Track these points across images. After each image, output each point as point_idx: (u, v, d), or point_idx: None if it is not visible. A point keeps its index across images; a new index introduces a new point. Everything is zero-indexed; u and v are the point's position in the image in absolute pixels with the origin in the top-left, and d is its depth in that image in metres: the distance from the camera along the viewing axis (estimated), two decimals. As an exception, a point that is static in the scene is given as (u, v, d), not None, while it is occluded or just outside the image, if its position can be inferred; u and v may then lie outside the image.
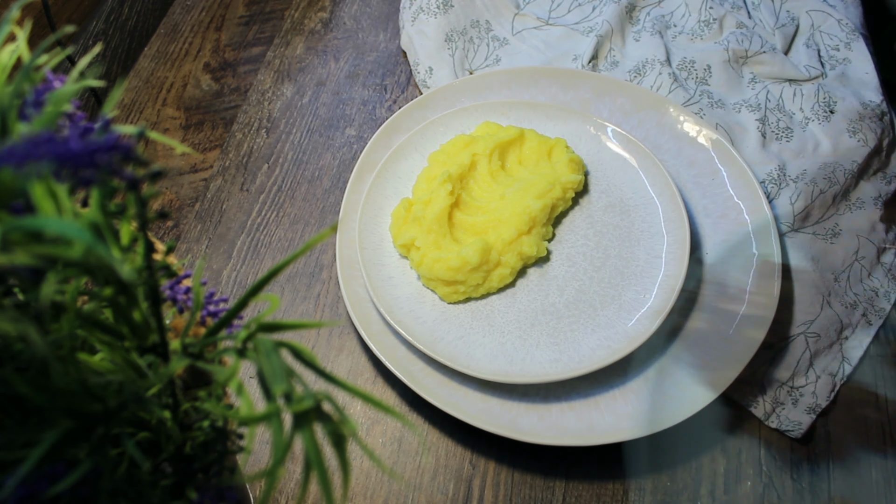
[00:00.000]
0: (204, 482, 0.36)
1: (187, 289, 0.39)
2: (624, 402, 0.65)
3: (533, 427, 0.64)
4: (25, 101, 0.30)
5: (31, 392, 0.27)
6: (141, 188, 0.28)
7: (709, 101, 0.85)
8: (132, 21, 1.01)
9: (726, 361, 0.65)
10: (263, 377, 0.29)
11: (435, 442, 0.68)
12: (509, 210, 0.72)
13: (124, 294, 0.31)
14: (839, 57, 0.89)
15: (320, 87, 0.96)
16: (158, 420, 0.35)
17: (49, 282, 0.25)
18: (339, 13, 1.05)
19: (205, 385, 0.41)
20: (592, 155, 0.79)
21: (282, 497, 0.65)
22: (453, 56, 0.93)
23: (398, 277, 0.73)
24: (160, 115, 0.95)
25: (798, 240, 0.76)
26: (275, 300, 0.33)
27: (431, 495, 0.65)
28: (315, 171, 0.88)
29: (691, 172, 0.79)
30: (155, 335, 0.34)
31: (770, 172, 0.79)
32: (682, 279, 0.68)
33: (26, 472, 0.26)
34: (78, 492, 0.30)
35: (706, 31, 0.92)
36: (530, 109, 0.82)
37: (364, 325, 0.69)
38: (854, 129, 0.82)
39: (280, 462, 0.27)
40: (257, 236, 0.83)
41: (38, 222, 0.23)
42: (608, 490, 0.65)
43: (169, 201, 0.86)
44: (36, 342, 0.25)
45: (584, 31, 0.95)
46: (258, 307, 0.78)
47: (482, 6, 0.98)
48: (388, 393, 0.71)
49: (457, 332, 0.70)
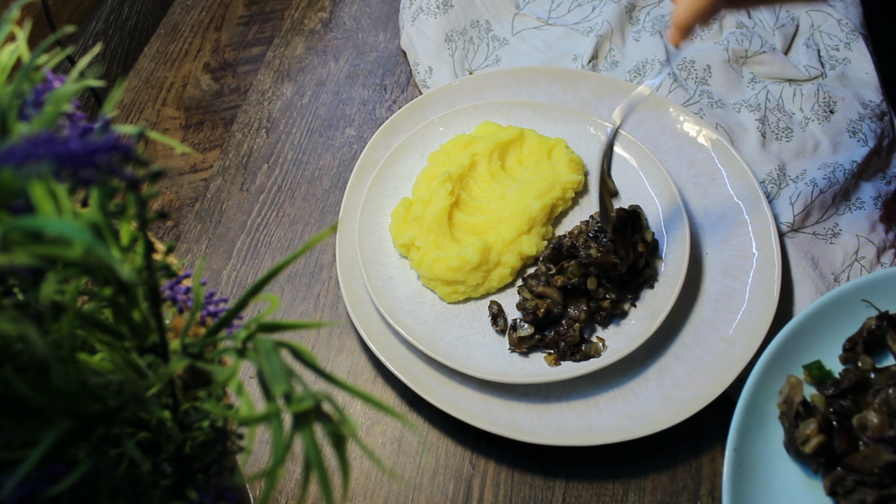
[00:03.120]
0: (204, 482, 0.36)
1: (187, 289, 0.39)
2: (624, 402, 0.65)
3: (533, 427, 0.64)
4: (25, 101, 0.30)
5: (31, 392, 0.27)
6: (141, 188, 0.28)
7: (709, 101, 0.85)
8: (132, 21, 1.01)
9: (726, 361, 0.65)
10: (263, 377, 0.29)
11: (435, 442, 0.68)
12: (509, 210, 0.72)
13: (124, 294, 0.31)
14: (839, 57, 0.89)
15: (320, 87, 0.96)
16: (158, 420, 0.35)
17: (49, 282, 0.25)
18: (339, 13, 1.05)
19: (205, 385, 0.41)
20: (592, 155, 0.79)
21: (282, 497, 0.65)
22: (453, 56, 0.93)
23: (398, 277, 0.73)
24: (160, 115, 0.95)
25: (798, 240, 0.76)
26: (275, 300, 0.33)
27: (431, 495, 0.65)
28: (315, 171, 0.88)
29: (691, 172, 0.79)
30: (155, 335, 0.34)
31: (770, 172, 0.79)
32: (683, 279, 0.68)
33: (26, 472, 0.26)
34: (78, 492, 0.30)
35: (706, 31, 0.92)
36: (530, 109, 0.82)
37: (364, 325, 0.69)
38: (854, 129, 0.82)
39: (280, 462, 0.27)
40: (257, 236, 0.83)
41: (38, 222, 0.23)
42: (608, 490, 0.65)
43: (169, 201, 0.86)
44: (36, 342, 0.25)
45: (584, 31, 0.95)
46: (258, 307, 0.78)
47: (482, 6, 0.98)
48: (388, 393, 0.71)
49: (457, 332, 0.70)
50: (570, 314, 0.68)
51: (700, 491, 0.64)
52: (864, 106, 0.83)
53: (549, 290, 0.68)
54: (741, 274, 0.71)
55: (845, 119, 0.83)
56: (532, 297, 0.69)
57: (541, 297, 0.68)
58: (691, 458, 0.66)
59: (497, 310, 0.70)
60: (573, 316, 0.67)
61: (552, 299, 0.68)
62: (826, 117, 0.83)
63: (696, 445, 0.66)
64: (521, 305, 0.70)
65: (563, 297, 0.68)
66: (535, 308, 0.67)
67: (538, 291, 0.69)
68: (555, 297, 0.68)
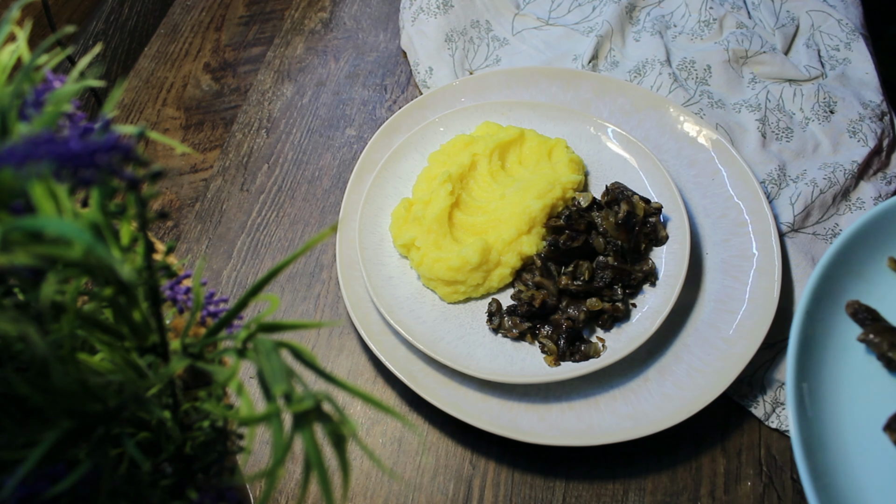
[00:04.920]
0: (204, 482, 0.36)
1: (187, 289, 0.39)
2: (624, 402, 0.65)
3: (533, 427, 0.64)
4: (25, 101, 0.30)
5: (31, 392, 0.27)
6: (141, 188, 0.28)
7: (709, 101, 0.85)
8: (132, 21, 1.01)
9: (726, 361, 0.65)
10: (263, 377, 0.29)
11: (435, 442, 0.68)
12: (509, 210, 0.72)
13: (124, 294, 0.31)
14: (839, 57, 0.89)
15: (320, 87, 0.96)
16: (158, 420, 0.35)
17: (49, 282, 0.25)
18: (339, 13, 1.05)
19: (205, 385, 0.41)
20: (592, 155, 0.79)
21: (282, 497, 0.65)
22: (453, 56, 0.93)
23: (398, 277, 0.73)
24: (160, 115, 0.95)
25: (798, 240, 0.76)
26: (275, 300, 0.33)
27: (431, 495, 0.65)
28: (315, 171, 0.88)
29: (691, 172, 0.79)
30: (155, 335, 0.34)
31: (770, 172, 0.79)
32: (683, 279, 0.68)
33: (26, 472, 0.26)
34: (78, 492, 0.30)
35: (706, 32, 0.92)
36: (530, 109, 0.82)
37: (364, 325, 0.69)
38: (854, 129, 0.82)
39: (280, 462, 0.27)
40: (257, 236, 0.83)
41: (38, 222, 0.23)
42: (608, 490, 0.65)
43: (169, 201, 0.86)
44: (36, 342, 0.25)
45: (584, 31, 0.95)
46: (258, 307, 0.78)
47: (482, 6, 0.98)
48: (388, 393, 0.71)
49: (457, 332, 0.70)
50: (570, 314, 0.68)
51: (700, 491, 0.64)
52: (864, 106, 0.83)
53: (546, 282, 0.68)
54: (741, 274, 0.71)
55: (845, 119, 0.83)
56: (527, 288, 0.70)
57: (538, 287, 0.69)
58: (691, 458, 0.66)
59: (496, 308, 0.70)
60: (572, 316, 0.67)
61: (548, 290, 0.68)
62: (826, 117, 0.83)
63: (696, 445, 0.66)
64: (516, 296, 0.70)
65: (558, 291, 0.69)
66: (530, 299, 0.68)
67: (536, 282, 0.69)
68: (550, 289, 0.68)
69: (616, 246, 0.70)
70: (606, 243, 0.70)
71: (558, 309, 0.69)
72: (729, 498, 0.64)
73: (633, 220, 0.70)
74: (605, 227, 0.71)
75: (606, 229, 0.71)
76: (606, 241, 0.70)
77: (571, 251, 0.70)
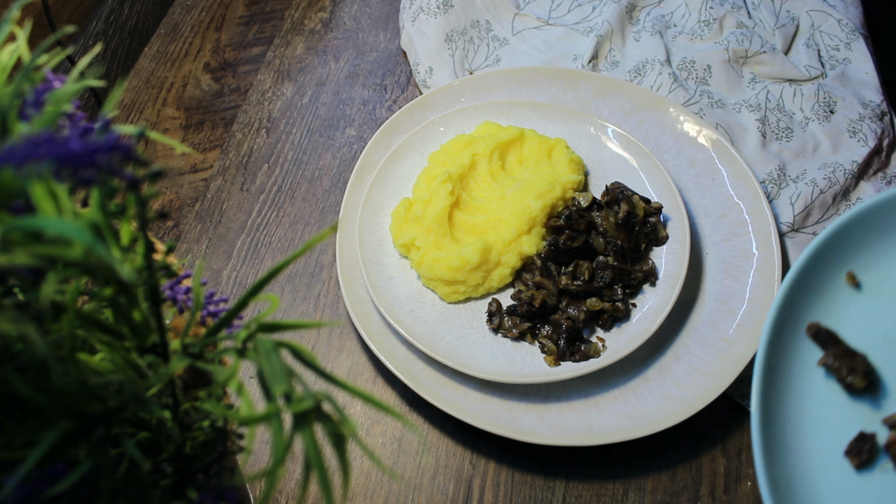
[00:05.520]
0: (204, 482, 0.36)
1: (187, 289, 0.39)
2: (624, 402, 0.65)
3: (533, 427, 0.64)
4: (25, 101, 0.30)
5: (31, 392, 0.27)
6: (141, 188, 0.28)
7: (709, 101, 0.85)
8: (132, 21, 1.01)
9: (726, 361, 0.65)
10: (263, 377, 0.29)
11: (435, 442, 0.68)
12: (509, 210, 0.72)
13: (124, 294, 0.31)
14: (839, 57, 0.89)
15: (320, 87, 0.96)
16: (158, 420, 0.35)
17: (49, 282, 0.25)
18: (339, 13, 1.05)
19: (205, 385, 0.41)
20: (592, 155, 0.79)
21: (282, 497, 0.65)
22: (453, 56, 0.93)
23: (398, 277, 0.73)
24: (160, 115, 0.95)
25: (798, 240, 0.76)
26: (275, 300, 0.33)
27: (431, 495, 0.65)
28: (315, 171, 0.88)
29: (691, 172, 0.79)
30: (155, 335, 0.34)
31: (770, 172, 0.79)
32: (683, 279, 0.68)
33: (26, 472, 0.26)
34: (78, 492, 0.30)
35: (706, 31, 0.92)
36: (530, 109, 0.82)
37: (364, 325, 0.69)
38: (854, 129, 0.82)
39: (280, 462, 0.27)
40: (257, 236, 0.83)
41: (38, 222, 0.23)
42: (608, 490, 0.65)
43: (169, 201, 0.86)
44: (36, 342, 0.25)
45: (584, 31, 0.95)
46: (258, 307, 0.78)
47: (482, 6, 0.98)
48: (388, 393, 0.71)
49: (457, 332, 0.70)
50: (570, 314, 0.68)
51: (700, 491, 0.64)
52: (864, 106, 0.83)
53: (546, 282, 0.68)
54: (741, 274, 0.71)
55: (845, 119, 0.83)
56: (527, 288, 0.70)
57: (538, 287, 0.69)
58: (691, 458, 0.66)
59: (496, 308, 0.70)
60: (572, 316, 0.67)
61: (548, 290, 0.68)
62: (826, 117, 0.83)
63: (696, 445, 0.66)
64: (516, 296, 0.70)
65: (558, 291, 0.69)
66: (530, 299, 0.68)
67: (536, 282, 0.69)
68: (550, 289, 0.68)
69: (616, 246, 0.70)
70: (606, 243, 0.70)
71: (558, 309, 0.69)
72: (729, 498, 0.64)
73: (633, 219, 0.70)
74: (605, 227, 0.71)
75: (606, 229, 0.71)
76: (606, 241, 0.70)
77: (571, 251, 0.70)
